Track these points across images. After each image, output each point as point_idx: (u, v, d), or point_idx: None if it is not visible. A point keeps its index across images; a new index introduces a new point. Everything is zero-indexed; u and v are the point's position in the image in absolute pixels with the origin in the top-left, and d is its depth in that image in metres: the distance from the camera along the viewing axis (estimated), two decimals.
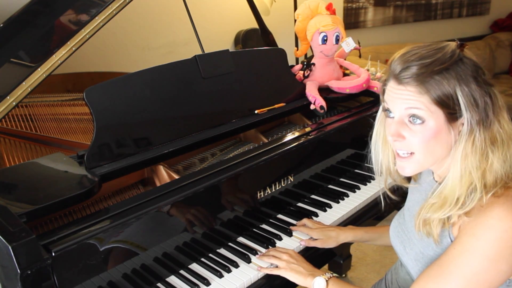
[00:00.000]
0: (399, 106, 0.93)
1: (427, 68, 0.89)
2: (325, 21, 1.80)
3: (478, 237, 0.87)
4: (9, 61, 1.40)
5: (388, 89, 0.96)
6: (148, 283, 1.17)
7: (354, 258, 2.42)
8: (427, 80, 0.89)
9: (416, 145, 0.93)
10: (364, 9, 3.91)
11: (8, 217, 0.98)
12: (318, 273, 1.14)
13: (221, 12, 2.99)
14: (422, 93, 0.89)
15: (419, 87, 0.90)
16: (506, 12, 4.94)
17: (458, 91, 0.88)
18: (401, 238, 1.11)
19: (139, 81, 1.37)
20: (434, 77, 0.89)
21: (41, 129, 1.56)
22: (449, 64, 0.89)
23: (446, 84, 0.88)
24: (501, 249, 0.85)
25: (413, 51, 0.93)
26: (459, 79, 0.88)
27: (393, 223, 1.19)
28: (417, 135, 0.92)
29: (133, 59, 2.62)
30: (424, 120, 0.91)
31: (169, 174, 1.34)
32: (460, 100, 0.88)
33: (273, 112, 1.63)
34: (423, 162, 0.95)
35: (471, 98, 0.88)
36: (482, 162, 0.89)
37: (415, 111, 0.91)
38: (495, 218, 0.86)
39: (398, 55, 0.94)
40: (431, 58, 0.90)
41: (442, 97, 0.89)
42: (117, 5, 1.44)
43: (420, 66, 0.89)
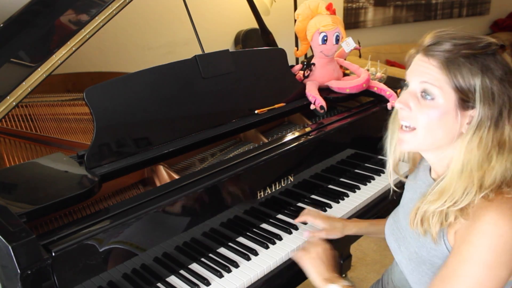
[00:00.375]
0: (416, 77, 0.93)
1: (457, 47, 0.88)
2: (325, 21, 1.80)
3: (474, 245, 0.86)
4: (9, 61, 1.41)
5: (413, 61, 0.96)
6: (148, 283, 1.17)
7: (354, 258, 2.42)
8: (452, 60, 0.88)
9: (420, 121, 0.92)
10: (364, 9, 3.91)
11: (8, 217, 0.98)
12: (336, 280, 1.09)
13: (221, 12, 3.00)
14: (442, 70, 0.89)
15: (442, 64, 0.89)
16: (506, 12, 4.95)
17: (478, 81, 0.87)
18: (396, 236, 1.11)
19: (139, 81, 1.37)
20: (460, 60, 0.88)
21: (41, 129, 1.56)
22: (479, 53, 0.88)
23: (468, 70, 0.87)
24: (498, 255, 0.85)
25: (448, 30, 0.92)
26: (483, 71, 0.87)
27: (388, 220, 1.19)
28: (424, 110, 0.92)
29: (133, 59, 2.62)
30: (434, 98, 0.90)
31: (169, 174, 1.34)
32: (477, 90, 0.87)
33: (273, 112, 1.63)
34: (422, 141, 0.95)
35: (489, 93, 0.87)
36: (484, 161, 0.89)
37: (428, 86, 0.90)
38: (489, 223, 0.86)
39: (433, 31, 0.94)
40: (464, 41, 0.89)
41: (460, 81, 0.88)
42: (117, 5, 1.44)
43: (450, 44, 0.89)
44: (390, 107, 1.76)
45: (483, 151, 0.89)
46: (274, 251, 1.31)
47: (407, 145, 0.98)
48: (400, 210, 1.15)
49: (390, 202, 1.65)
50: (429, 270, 0.98)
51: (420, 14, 4.35)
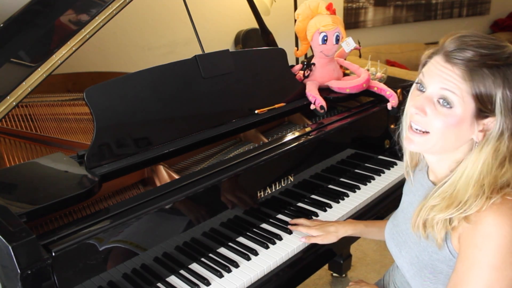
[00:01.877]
0: (436, 83, 0.91)
1: (482, 58, 0.87)
2: (325, 21, 1.80)
3: (480, 248, 0.87)
4: (9, 61, 1.41)
5: (432, 63, 0.93)
6: (148, 283, 1.17)
7: (354, 258, 2.42)
8: (476, 70, 0.86)
9: (434, 127, 0.91)
10: (364, 9, 3.91)
11: (8, 217, 0.98)
12: None
13: (221, 12, 2.99)
14: (465, 79, 0.87)
15: (465, 72, 0.87)
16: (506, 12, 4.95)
17: (499, 92, 0.86)
18: (396, 240, 1.11)
19: (139, 81, 1.37)
20: (484, 70, 0.86)
21: (41, 129, 1.56)
22: (503, 63, 0.87)
23: (491, 81, 0.86)
24: (504, 255, 0.85)
25: (473, 36, 0.90)
26: (505, 82, 0.86)
27: (388, 225, 1.18)
28: (440, 117, 0.90)
29: (133, 59, 2.62)
30: (453, 106, 0.89)
31: (169, 174, 1.34)
32: (498, 101, 0.87)
33: (273, 112, 1.63)
34: (432, 145, 0.94)
35: (510, 104, 0.87)
36: (497, 169, 0.89)
37: (449, 94, 0.88)
38: (492, 225, 0.86)
39: (456, 35, 0.91)
40: (489, 51, 0.87)
41: (482, 91, 0.87)
42: (117, 5, 1.44)
43: (476, 53, 0.87)
44: (390, 107, 1.76)
45: (497, 160, 0.89)
46: (274, 251, 1.31)
47: (416, 146, 0.96)
48: (399, 214, 1.15)
49: (391, 202, 1.65)
50: (431, 274, 0.98)
51: (420, 14, 4.34)
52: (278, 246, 1.33)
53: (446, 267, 0.96)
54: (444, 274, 0.97)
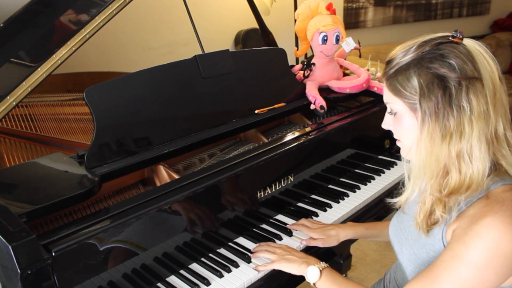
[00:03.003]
0: None
1: (398, 62, 0.94)
2: (325, 21, 1.80)
3: (468, 245, 0.87)
4: (9, 61, 1.40)
5: None
6: (148, 283, 1.17)
7: (354, 258, 2.42)
8: (392, 75, 0.95)
9: (398, 133, 1.01)
10: (364, 9, 3.91)
11: (8, 217, 0.98)
12: (313, 261, 1.16)
13: (221, 12, 2.99)
14: (389, 87, 0.96)
15: (387, 81, 0.96)
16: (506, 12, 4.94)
17: (415, 81, 0.91)
18: (399, 236, 1.12)
19: (139, 81, 1.37)
20: (398, 70, 0.94)
21: (41, 129, 1.56)
22: (414, 54, 0.92)
23: (404, 77, 0.92)
24: (490, 258, 0.85)
25: (400, 45, 0.98)
26: (416, 70, 0.91)
27: (392, 221, 1.19)
28: (396, 124, 1.00)
29: (133, 59, 2.62)
30: (396, 112, 0.98)
31: (169, 174, 1.34)
32: (417, 90, 0.91)
33: (273, 112, 1.63)
34: (406, 148, 1.01)
35: (424, 88, 0.90)
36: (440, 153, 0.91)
37: (388, 106, 1.00)
38: (486, 227, 0.86)
39: None
40: (402, 51, 0.95)
41: (401, 90, 0.93)
42: (117, 5, 1.43)
43: (392, 60, 0.96)
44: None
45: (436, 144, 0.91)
46: None
47: (402, 154, 1.04)
48: (406, 211, 1.15)
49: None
50: None
51: (420, 14, 4.34)
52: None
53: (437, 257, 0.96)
54: None
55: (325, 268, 1.13)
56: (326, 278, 1.11)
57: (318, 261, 1.16)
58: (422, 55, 0.92)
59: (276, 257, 1.21)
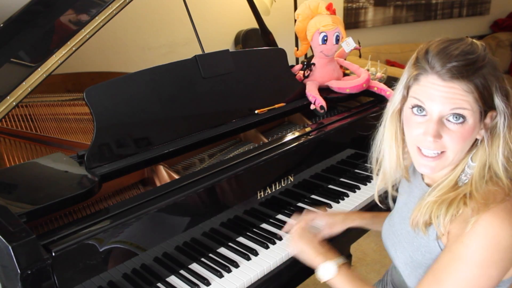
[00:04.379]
0: (442, 104, 0.87)
1: (474, 64, 0.85)
2: (325, 21, 1.80)
3: (466, 245, 0.86)
4: (9, 61, 1.40)
5: (426, 86, 0.89)
6: (148, 283, 1.17)
7: (354, 258, 2.42)
8: (475, 77, 0.85)
9: (451, 145, 0.89)
10: (364, 9, 3.91)
11: (8, 217, 0.98)
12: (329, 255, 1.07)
13: (221, 12, 2.99)
14: (468, 91, 0.85)
15: (467, 84, 0.85)
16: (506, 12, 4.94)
17: (494, 86, 0.87)
18: (392, 241, 1.11)
19: (139, 81, 1.37)
20: (479, 73, 0.85)
21: (41, 129, 1.56)
22: (487, 60, 0.87)
23: (488, 80, 0.86)
24: (490, 255, 0.85)
25: (452, 45, 0.88)
26: (494, 75, 0.87)
27: (384, 225, 1.18)
28: (455, 134, 0.88)
29: (133, 59, 2.62)
30: (465, 120, 0.87)
31: (169, 174, 1.34)
32: (495, 95, 0.87)
33: (273, 112, 1.63)
34: (450, 162, 0.92)
35: (504, 92, 0.88)
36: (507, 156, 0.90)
37: (461, 111, 0.86)
38: (483, 225, 0.86)
39: (436, 49, 0.88)
40: (475, 54, 0.86)
41: (485, 94, 0.86)
42: (117, 5, 1.44)
43: (467, 61, 0.85)
44: None
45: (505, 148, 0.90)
46: (274, 251, 1.31)
47: (433, 171, 0.94)
48: (395, 214, 1.15)
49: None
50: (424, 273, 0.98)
51: (420, 14, 4.34)
52: (278, 246, 1.33)
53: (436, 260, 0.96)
54: None
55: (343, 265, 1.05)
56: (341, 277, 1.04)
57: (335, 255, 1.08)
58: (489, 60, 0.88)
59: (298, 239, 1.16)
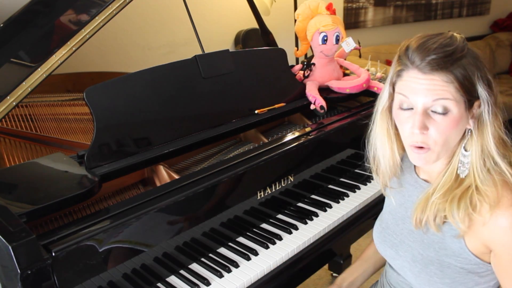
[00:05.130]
0: (424, 97, 0.89)
1: (452, 55, 0.88)
2: (325, 21, 1.80)
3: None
4: (9, 61, 1.40)
5: (408, 80, 0.91)
6: (148, 283, 1.17)
7: (354, 258, 2.42)
8: (454, 68, 0.87)
9: (437, 136, 0.91)
10: (364, 9, 3.91)
11: (8, 217, 0.98)
12: None
13: (221, 12, 2.99)
14: (448, 82, 0.88)
15: (446, 75, 0.88)
16: (506, 12, 4.94)
17: (475, 76, 0.89)
18: (391, 242, 1.10)
19: (139, 81, 1.37)
20: (459, 64, 0.88)
21: (41, 129, 1.56)
22: (466, 51, 0.89)
23: (468, 70, 0.88)
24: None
25: (430, 40, 0.90)
26: (474, 65, 0.89)
27: (375, 230, 1.18)
28: (440, 125, 0.90)
29: (133, 59, 2.62)
30: (449, 110, 0.89)
31: (169, 174, 1.34)
32: (478, 84, 0.89)
33: (273, 112, 1.63)
34: (439, 153, 0.93)
35: (486, 81, 0.89)
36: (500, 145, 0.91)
37: (443, 102, 0.88)
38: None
39: (415, 45, 0.91)
40: (453, 46, 0.89)
41: (466, 84, 0.88)
42: (117, 5, 1.44)
43: (445, 53, 0.88)
44: None
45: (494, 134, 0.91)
46: (274, 251, 1.31)
47: (427, 162, 0.95)
48: (387, 216, 1.15)
49: None
50: (438, 270, 0.98)
51: (420, 14, 4.34)
52: (278, 246, 1.33)
53: (454, 262, 0.96)
54: (451, 269, 0.96)
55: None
56: None
57: None
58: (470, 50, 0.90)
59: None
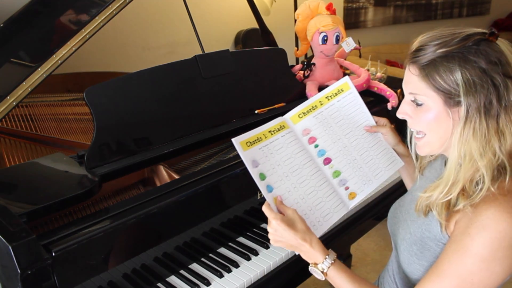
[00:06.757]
0: (405, 88, 0.98)
1: (434, 49, 0.90)
2: (325, 21, 1.80)
3: (472, 237, 0.87)
4: (9, 61, 1.41)
5: None
6: (148, 283, 1.17)
7: (354, 258, 2.42)
8: (428, 64, 0.90)
9: (421, 126, 0.96)
10: (364, 9, 3.91)
11: (8, 217, 0.98)
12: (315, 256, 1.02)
13: (221, 12, 2.99)
14: (420, 77, 0.92)
15: (420, 70, 0.92)
16: (506, 12, 4.95)
17: (458, 75, 0.88)
18: (397, 218, 1.12)
19: (139, 81, 1.37)
20: (436, 60, 0.89)
21: (41, 129, 1.56)
22: (456, 48, 0.88)
23: (445, 69, 0.88)
24: (495, 250, 0.85)
25: (431, 33, 0.93)
26: (461, 65, 0.88)
27: (393, 205, 1.20)
28: (419, 115, 0.96)
29: (133, 59, 2.62)
30: (424, 103, 0.94)
31: (169, 174, 1.34)
32: (460, 84, 0.88)
33: (273, 112, 1.62)
34: (432, 143, 0.97)
35: (471, 84, 0.88)
36: (487, 150, 0.89)
37: (413, 96, 0.95)
38: (491, 218, 0.86)
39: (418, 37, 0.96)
40: (441, 39, 0.90)
41: (440, 82, 0.89)
42: (117, 5, 1.44)
43: (430, 47, 0.91)
44: (390, 107, 1.76)
45: (480, 139, 0.89)
46: (274, 251, 1.30)
47: (422, 150, 1.01)
48: (407, 196, 1.17)
49: (391, 202, 1.65)
50: (418, 251, 1.00)
51: (420, 14, 4.35)
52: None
53: (434, 246, 0.97)
54: (431, 252, 0.98)
55: (330, 269, 1.01)
56: (332, 279, 1.01)
57: (322, 255, 1.01)
58: (467, 49, 0.89)
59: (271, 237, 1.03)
